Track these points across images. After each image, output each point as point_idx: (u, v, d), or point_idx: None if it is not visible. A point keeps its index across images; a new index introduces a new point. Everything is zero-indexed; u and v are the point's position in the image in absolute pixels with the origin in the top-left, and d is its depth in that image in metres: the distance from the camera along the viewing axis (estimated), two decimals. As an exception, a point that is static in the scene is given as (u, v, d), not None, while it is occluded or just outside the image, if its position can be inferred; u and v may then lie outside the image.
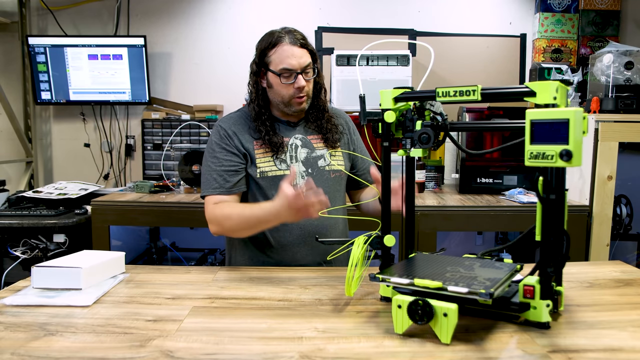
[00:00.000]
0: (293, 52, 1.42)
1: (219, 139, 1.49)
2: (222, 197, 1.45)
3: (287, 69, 1.41)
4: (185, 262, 2.99)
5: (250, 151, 1.48)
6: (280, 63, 1.42)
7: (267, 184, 1.47)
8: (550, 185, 0.90)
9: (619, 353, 0.83)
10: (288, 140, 1.51)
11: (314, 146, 1.53)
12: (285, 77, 1.42)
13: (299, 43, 1.43)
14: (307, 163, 1.51)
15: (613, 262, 1.41)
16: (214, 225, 1.43)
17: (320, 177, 1.50)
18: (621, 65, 2.30)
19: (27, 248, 2.42)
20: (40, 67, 3.08)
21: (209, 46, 3.22)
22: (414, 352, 0.85)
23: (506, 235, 2.98)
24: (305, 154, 1.51)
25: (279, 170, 1.48)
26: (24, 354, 0.84)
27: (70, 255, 1.28)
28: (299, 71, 1.42)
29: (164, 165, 2.99)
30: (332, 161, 1.54)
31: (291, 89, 1.44)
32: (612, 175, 2.20)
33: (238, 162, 1.47)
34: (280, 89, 1.45)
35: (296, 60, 1.41)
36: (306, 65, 1.43)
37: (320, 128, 1.54)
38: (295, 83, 1.43)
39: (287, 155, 1.50)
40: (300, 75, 1.42)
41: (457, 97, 0.98)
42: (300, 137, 1.53)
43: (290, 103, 1.47)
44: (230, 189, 1.45)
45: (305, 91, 1.46)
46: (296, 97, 1.45)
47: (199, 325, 0.97)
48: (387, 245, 1.10)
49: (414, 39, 3.09)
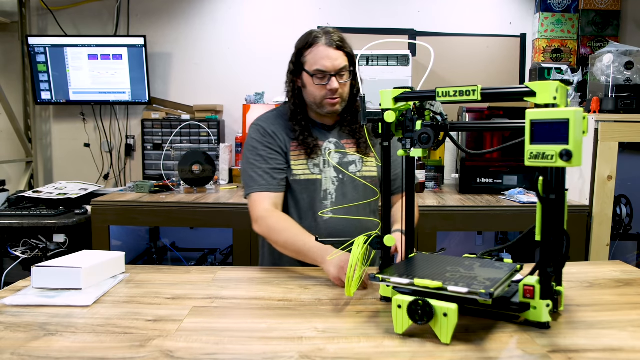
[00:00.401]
0: (328, 54, 1.40)
1: (261, 137, 1.48)
2: (270, 194, 1.43)
3: (321, 70, 1.40)
4: (185, 262, 2.99)
5: (288, 153, 1.47)
6: (315, 64, 1.40)
7: (299, 187, 1.47)
8: (550, 185, 0.90)
9: (619, 353, 0.83)
10: (322, 143, 1.50)
11: (346, 151, 1.50)
12: (319, 79, 1.41)
13: (335, 45, 1.41)
14: (339, 168, 1.49)
15: (613, 262, 1.41)
16: (260, 227, 1.41)
17: (351, 183, 1.49)
18: (621, 65, 2.30)
19: (27, 248, 2.42)
20: (40, 67, 3.08)
21: (209, 46, 3.22)
22: (414, 352, 0.85)
23: (506, 235, 2.98)
24: (338, 158, 1.49)
25: (311, 174, 1.47)
26: (24, 354, 0.84)
27: (70, 255, 1.28)
28: (333, 73, 1.40)
29: (164, 165, 2.99)
30: (364, 167, 1.51)
31: (324, 90, 1.42)
32: (612, 175, 2.20)
33: (282, 161, 1.47)
34: (313, 89, 1.43)
35: (330, 62, 1.40)
36: (341, 68, 1.41)
37: (354, 132, 1.52)
38: (328, 85, 1.40)
39: (321, 159, 1.48)
40: (333, 78, 1.40)
41: (457, 97, 0.98)
42: (335, 141, 1.51)
43: (322, 104, 1.44)
44: (277, 186, 1.45)
45: (339, 94, 1.43)
46: (328, 98, 1.43)
47: (199, 325, 0.97)
48: (387, 245, 1.10)
49: (414, 39, 3.09)
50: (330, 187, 1.47)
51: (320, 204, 1.47)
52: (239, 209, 2.29)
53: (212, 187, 2.67)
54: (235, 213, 2.30)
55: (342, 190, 1.48)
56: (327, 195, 1.47)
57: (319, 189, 1.47)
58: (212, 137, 3.00)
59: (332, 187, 1.47)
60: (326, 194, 1.47)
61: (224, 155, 2.87)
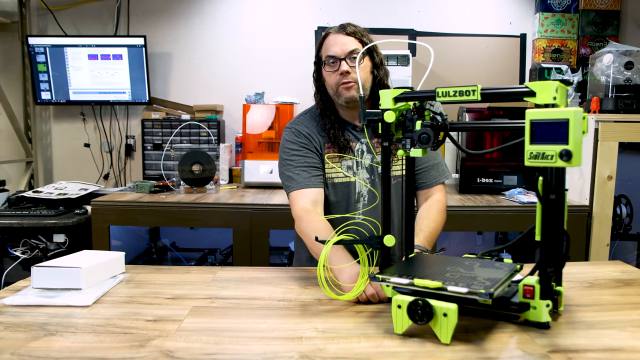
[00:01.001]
0: (336, 40, 1.41)
1: (295, 139, 1.48)
2: (307, 190, 1.41)
3: (330, 55, 1.40)
4: (185, 262, 2.99)
5: (322, 153, 1.47)
6: (325, 52, 1.42)
7: (334, 190, 1.47)
8: (550, 185, 0.90)
9: (619, 353, 0.83)
10: (354, 144, 1.48)
11: (376, 151, 1.48)
12: (330, 65, 1.41)
13: (345, 31, 1.41)
14: (371, 170, 1.47)
15: (613, 262, 1.41)
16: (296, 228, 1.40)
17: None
18: (621, 65, 2.30)
19: (27, 248, 2.42)
20: (40, 67, 3.08)
21: (209, 46, 3.22)
22: (413, 352, 0.85)
23: (506, 235, 2.98)
24: (369, 160, 1.48)
25: (345, 177, 1.46)
26: (24, 354, 0.84)
27: (70, 255, 1.28)
28: (342, 57, 1.39)
29: (164, 165, 2.99)
30: (394, 166, 1.48)
31: (336, 76, 1.41)
32: (612, 175, 2.20)
33: (319, 160, 1.47)
34: (328, 78, 1.44)
35: (339, 46, 1.39)
36: (351, 51, 1.39)
37: None
38: (339, 70, 1.39)
39: (353, 162, 1.47)
40: (343, 61, 1.39)
41: (457, 97, 0.98)
42: (365, 141, 1.49)
43: (338, 92, 1.42)
44: (315, 182, 1.43)
45: (352, 77, 1.39)
46: (342, 84, 1.40)
47: (199, 325, 0.97)
48: (387, 245, 1.10)
49: (414, 39, 3.09)
50: (363, 189, 1.47)
51: (354, 207, 1.47)
52: (239, 209, 2.29)
53: (212, 187, 2.67)
54: (235, 213, 2.30)
55: (373, 193, 1.47)
56: (360, 197, 1.47)
57: (353, 192, 1.47)
58: (212, 137, 3.00)
59: (364, 189, 1.47)
60: (359, 196, 1.47)
61: (224, 155, 2.87)
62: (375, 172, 1.47)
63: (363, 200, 1.47)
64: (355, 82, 1.42)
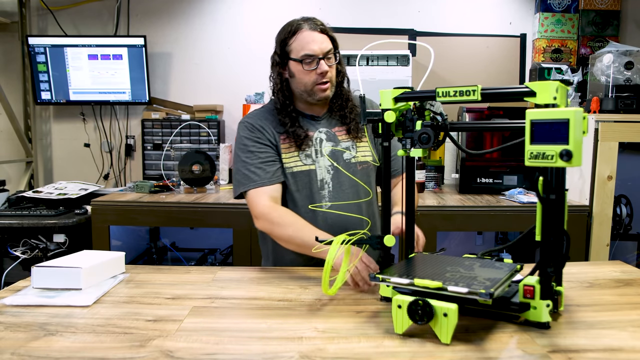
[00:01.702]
0: (314, 38, 1.40)
1: (249, 134, 1.47)
2: (266, 188, 1.42)
3: (309, 54, 1.39)
4: (185, 262, 2.99)
5: (278, 146, 1.47)
6: (302, 50, 1.39)
7: (294, 179, 1.46)
8: (550, 185, 0.90)
9: (619, 353, 0.83)
10: (313, 134, 1.49)
11: (338, 139, 1.50)
12: (307, 64, 1.40)
13: (319, 29, 1.42)
14: (333, 157, 1.48)
15: (613, 262, 1.41)
16: (262, 223, 1.40)
17: (347, 170, 1.48)
18: (621, 65, 2.30)
19: (27, 248, 2.42)
20: (40, 67, 3.08)
21: (209, 46, 3.22)
22: (414, 352, 0.85)
23: (506, 235, 2.98)
24: (331, 147, 1.49)
25: (304, 165, 1.46)
26: (24, 353, 0.84)
27: (70, 255, 1.28)
28: (321, 56, 1.39)
29: (164, 165, 2.99)
30: (358, 152, 1.51)
31: (313, 75, 1.41)
32: (612, 175, 2.20)
33: (273, 153, 1.46)
34: (302, 76, 1.42)
35: (317, 45, 1.39)
36: (328, 51, 1.41)
37: (344, 119, 1.51)
38: (317, 69, 1.39)
39: (312, 150, 1.48)
40: (322, 61, 1.39)
41: (457, 97, 0.98)
42: (325, 130, 1.50)
43: (313, 91, 1.43)
44: (271, 179, 1.43)
45: (329, 77, 1.42)
46: (319, 83, 1.41)
47: (199, 325, 0.97)
48: (387, 245, 1.10)
49: (414, 39, 3.09)
50: (326, 176, 1.47)
51: (318, 194, 1.46)
52: (239, 209, 2.28)
53: (212, 187, 2.67)
54: (235, 213, 2.30)
55: (338, 179, 1.47)
56: (324, 184, 1.47)
57: (314, 179, 1.47)
58: (212, 137, 3.00)
59: (327, 176, 1.47)
60: (322, 183, 1.47)
61: (224, 155, 2.87)
62: (340, 159, 1.48)
63: (328, 187, 1.47)
64: (332, 83, 1.45)
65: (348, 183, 1.48)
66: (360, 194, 1.49)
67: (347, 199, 1.46)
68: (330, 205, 1.45)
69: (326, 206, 1.45)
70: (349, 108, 1.51)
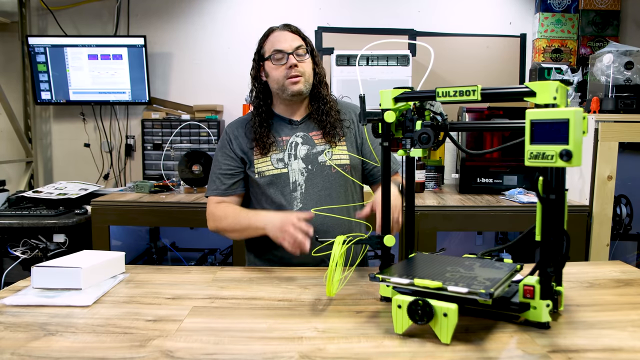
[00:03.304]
0: (284, 36, 1.47)
1: (221, 144, 1.57)
2: (220, 197, 1.53)
3: (278, 49, 1.45)
4: (185, 262, 2.99)
5: (249, 154, 1.52)
6: (272, 47, 1.47)
7: (265, 182, 1.50)
8: (550, 185, 0.90)
9: (619, 353, 0.83)
10: (289, 138, 1.53)
11: (314, 142, 1.53)
12: (277, 59, 1.46)
13: (290, 29, 1.49)
14: (307, 160, 1.51)
15: (613, 262, 1.41)
16: (210, 222, 1.52)
17: (320, 173, 1.50)
18: (621, 65, 2.30)
19: (27, 248, 2.42)
20: (40, 67, 3.08)
21: (209, 46, 3.22)
22: (414, 352, 0.85)
23: (506, 235, 2.98)
24: (306, 150, 1.52)
25: (275, 169, 1.50)
26: (24, 353, 0.84)
27: (70, 255, 1.28)
28: (290, 51, 1.45)
29: (164, 165, 2.99)
30: (335, 156, 1.53)
31: (283, 69, 1.46)
32: (612, 175, 2.20)
33: (234, 166, 1.53)
34: (273, 72, 1.47)
35: (287, 42, 1.46)
36: (297, 47, 1.47)
37: (320, 123, 1.54)
38: (287, 63, 1.45)
39: (286, 154, 1.51)
40: (291, 55, 1.45)
41: (457, 97, 0.98)
42: (302, 134, 1.54)
43: (285, 86, 1.47)
44: (225, 190, 1.53)
45: (299, 71, 1.46)
46: (289, 77, 1.46)
47: (199, 325, 0.97)
48: (387, 246, 1.10)
49: (414, 39, 3.09)
50: (299, 178, 1.49)
51: (290, 196, 1.49)
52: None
53: (212, 187, 2.67)
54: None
55: (311, 181, 1.50)
56: (297, 186, 1.49)
57: (286, 182, 1.49)
58: (212, 137, 3.00)
59: (300, 178, 1.49)
60: (295, 185, 1.49)
61: (224, 155, 2.87)
62: (315, 162, 1.51)
63: (300, 189, 1.49)
64: (305, 78, 1.49)
65: (321, 185, 1.50)
66: (333, 196, 1.51)
67: (320, 201, 1.49)
68: (302, 207, 1.48)
69: (297, 208, 1.48)
70: (325, 111, 1.54)
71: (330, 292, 1.08)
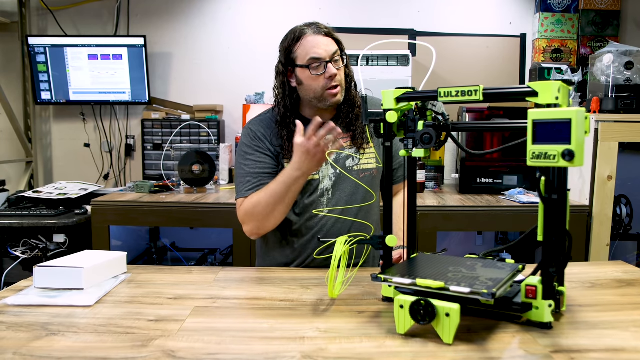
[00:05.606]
0: (319, 41, 1.36)
1: (250, 141, 1.46)
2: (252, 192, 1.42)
3: (315, 58, 1.35)
4: (185, 262, 2.99)
5: (279, 156, 1.45)
6: (307, 54, 1.36)
7: None
8: (553, 186, 0.90)
9: (621, 353, 0.83)
10: None
11: (343, 145, 1.46)
12: (315, 68, 1.36)
13: (323, 32, 1.38)
14: (336, 164, 1.46)
15: (614, 263, 1.42)
16: (247, 224, 1.41)
17: (348, 177, 1.46)
18: (621, 65, 2.30)
19: (27, 248, 2.42)
20: (40, 67, 3.08)
21: (209, 46, 3.22)
22: (416, 352, 0.85)
23: (506, 236, 2.98)
24: (335, 155, 1.47)
25: None
26: (26, 353, 0.84)
27: (72, 255, 1.28)
28: (328, 59, 1.35)
29: (164, 165, 2.99)
30: (363, 160, 1.49)
31: (322, 80, 1.37)
32: (612, 175, 2.20)
33: (272, 163, 1.44)
34: (310, 82, 1.38)
35: (323, 48, 1.35)
36: (334, 53, 1.37)
37: (349, 125, 1.47)
38: (326, 73, 1.36)
39: None
40: (329, 64, 1.36)
41: (459, 97, 0.98)
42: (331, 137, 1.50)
43: (324, 97, 1.39)
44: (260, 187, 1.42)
45: (338, 80, 1.38)
46: (329, 88, 1.38)
47: (201, 325, 0.97)
48: (388, 246, 1.10)
49: (414, 39, 3.09)
50: (327, 184, 1.46)
51: (318, 202, 1.46)
52: (240, 209, 2.28)
53: (212, 187, 2.67)
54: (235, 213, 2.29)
55: (338, 186, 1.47)
56: (325, 192, 1.47)
57: (315, 187, 1.46)
58: (212, 137, 2.99)
59: (329, 183, 1.46)
60: (323, 191, 1.47)
61: (224, 155, 2.87)
62: (343, 166, 1.47)
63: (327, 195, 1.46)
64: (342, 87, 1.41)
65: (348, 190, 1.47)
66: (359, 201, 1.48)
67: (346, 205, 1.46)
68: (328, 211, 1.45)
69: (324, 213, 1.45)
70: (355, 115, 1.47)
71: (332, 293, 1.07)
